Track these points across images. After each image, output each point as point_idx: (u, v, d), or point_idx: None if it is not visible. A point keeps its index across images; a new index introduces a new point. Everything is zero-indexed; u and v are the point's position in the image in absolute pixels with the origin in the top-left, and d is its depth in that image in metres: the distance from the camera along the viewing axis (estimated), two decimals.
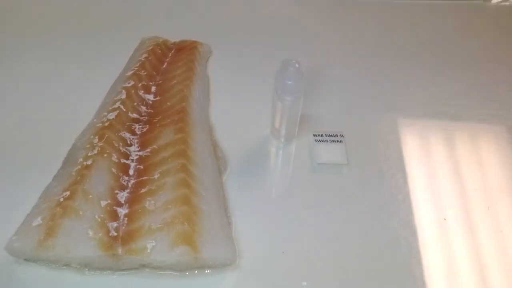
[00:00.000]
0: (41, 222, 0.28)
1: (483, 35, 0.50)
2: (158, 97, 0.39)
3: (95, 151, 0.32)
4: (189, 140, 0.34)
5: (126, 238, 0.28)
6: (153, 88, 0.40)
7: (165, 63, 0.43)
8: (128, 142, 0.34)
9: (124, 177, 0.32)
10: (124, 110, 0.36)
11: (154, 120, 0.36)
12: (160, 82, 0.41)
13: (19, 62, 0.44)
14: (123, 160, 0.33)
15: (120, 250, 0.28)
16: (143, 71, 0.41)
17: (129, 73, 0.40)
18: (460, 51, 0.48)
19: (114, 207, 0.30)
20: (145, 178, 0.32)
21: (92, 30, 0.48)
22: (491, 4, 0.54)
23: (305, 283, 0.29)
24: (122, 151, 0.33)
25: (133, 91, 0.38)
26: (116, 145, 0.33)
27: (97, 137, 0.33)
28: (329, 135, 0.37)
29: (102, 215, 0.29)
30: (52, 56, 0.45)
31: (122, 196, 0.31)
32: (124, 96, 0.37)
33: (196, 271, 0.29)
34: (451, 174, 0.36)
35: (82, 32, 0.48)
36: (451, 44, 0.48)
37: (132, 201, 0.30)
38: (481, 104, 0.42)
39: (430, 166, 0.36)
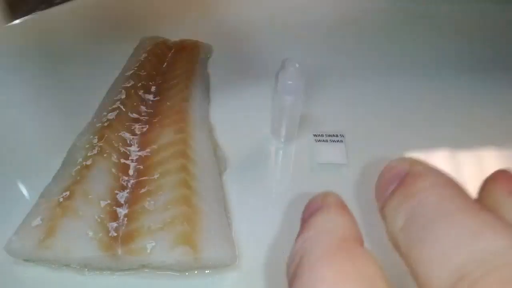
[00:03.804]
0: (40, 222, 0.28)
1: (483, 34, 0.50)
2: (158, 97, 0.39)
3: (95, 151, 0.32)
4: (189, 140, 0.34)
5: (125, 238, 0.28)
6: (153, 88, 0.40)
7: (165, 63, 0.43)
8: (128, 142, 0.34)
9: (124, 177, 0.32)
10: (124, 110, 0.36)
11: (154, 120, 0.36)
12: (160, 82, 0.41)
13: (18, 62, 0.44)
14: (123, 160, 0.33)
15: (119, 251, 0.27)
16: (142, 71, 0.40)
17: (129, 73, 0.40)
18: (461, 50, 0.47)
19: (114, 207, 0.30)
20: (145, 178, 0.32)
21: (92, 29, 0.48)
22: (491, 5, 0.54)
23: None
24: (122, 151, 0.33)
25: (132, 91, 0.38)
26: (116, 145, 0.33)
27: (96, 137, 0.33)
28: (329, 135, 0.37)
29: (102, 215, 0.29)
30: (51, 56, 0.44)
31: (122, 196, 0.31)
32: (123, 96, 0.37)
33: (196, 272, 0.29)
34: (452, 174, 0.36)
35: (81, 32, 0.47)
36: (452, 44, 0.48)
37: (132, 201, 0.30)
38: (482, 104, 0.42)
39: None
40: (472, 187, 0.35)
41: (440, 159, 0.37)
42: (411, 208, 0.14)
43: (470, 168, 0.36)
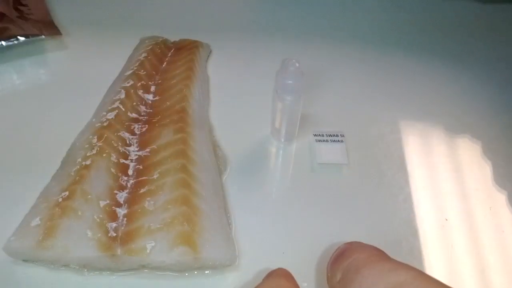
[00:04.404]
0: (39, 222, 0.28)
1: (483, 34, 0.50)
2: (158, 96, 0.39)
3: (94, 151, 0.32)
4: (189, 140, 0.34)
5: (125, 238, 0.28)
6: (153, 88, 0.40)
7: (165, 63, 0.43)
8: (127, 142, 0.34)
9: (123, 177, 0.32)
10: (123, 110, 0.36)
11: (154, 120, 0.36)
12: (160, 81, 0.40)
13: (17, 61, 0.44)
14: (122, 160, 0.33)
15: (119, 251, 0.27)
16: (142, 71, 0.40)
17: (128, 72, 0.40)
18: (461, 50, 0.47)
19: (113, 207, 0.30)
20: (144, 178, 0.31)
21: (91, 29, 0.48)
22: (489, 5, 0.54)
23: (305, 284, 0.28)
24: (121, 151, 0.33)
25: (132, 90, 0.38)
26: (115, 145, 0.33)
27: (96, 137, 0.33)
28: (330, 135, 0.37)
29: (101, 215, 0.29)
30: (51, 56, 0.44)
31: (121, 196, 0.31)
32: (123, 96, 0.37)
33: (195, 272, 0.29)
34: (452, 174, 0.36)
35: (81, 31, 0.47)
36: (452, 43, 0.48)
37: (131, 201, 0.30)
38: (482, 103, 0.42)
39: (431, 166, 0.36)
40: (472, 184, 0.34)
41: (440, 157, 0.37)
42: (347, 264, 0.19)
43: (471, 167, 0.36)
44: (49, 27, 0.45)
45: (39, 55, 0.44)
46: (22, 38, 0.43)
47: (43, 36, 0.44)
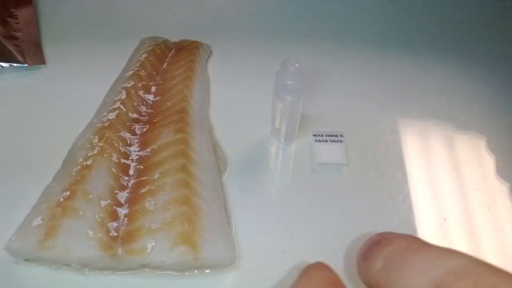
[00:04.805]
0: (41, 222, 0.28)
1: (483, 33, 0.50)
2: (158, 97, 0.39)
3: (95, 151, 0.32)
4: (189, 140, 0.34)
5: (126, 238, 0.28)
6: (153, 88, 0.40)
7: (165, 63, 0.43)
8: (128, 142, 0.34)
9: (124, 177, 0.32)
10: (124, 110, 0.36)
11: (154, 120, 0.36)
12: (160, 82, 0.41)
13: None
14: (123, 160, 0.33)
15: (120, 250, 0.28)
16: (143, 71, 0.41)
17: (129, 73, 0.40)
18: (460, 50, 0.48)
19: (114, 207, 0.30)
20: (145, 178, 0.32)
21: (92, 29, 0.48)
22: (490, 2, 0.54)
23: None
24: (122, 151, 0.33)
25: (133, 91, 0.38)
26: (116, 145, 0.33)
27: (97, 137, 0.33)
28: (329, 135, 0.37)
29: (102, 215, 0.29)
30: (51, 56, 0.44)
31: (122, 196, 0.31)
32: (124, 96, 0.37)
33: (196, 271, 0.29)
34: (452, 174, 0.36)
35: (81, 32, 0.47)
36: (451, 43, 0.48)
37: (132, 201, 0.30)
38: (482, 103, 0.42)
39: (430, 166, 0.36)
40: (473, 182, 0.34)
41: (439, 157, 0.37)
42: (389, 252, 0.18)
43: (470, 167, 0.36)
44: (34, 52, 0.43)
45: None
46: (5, 65, 0.41)
47: (25, 65, 0.42)
